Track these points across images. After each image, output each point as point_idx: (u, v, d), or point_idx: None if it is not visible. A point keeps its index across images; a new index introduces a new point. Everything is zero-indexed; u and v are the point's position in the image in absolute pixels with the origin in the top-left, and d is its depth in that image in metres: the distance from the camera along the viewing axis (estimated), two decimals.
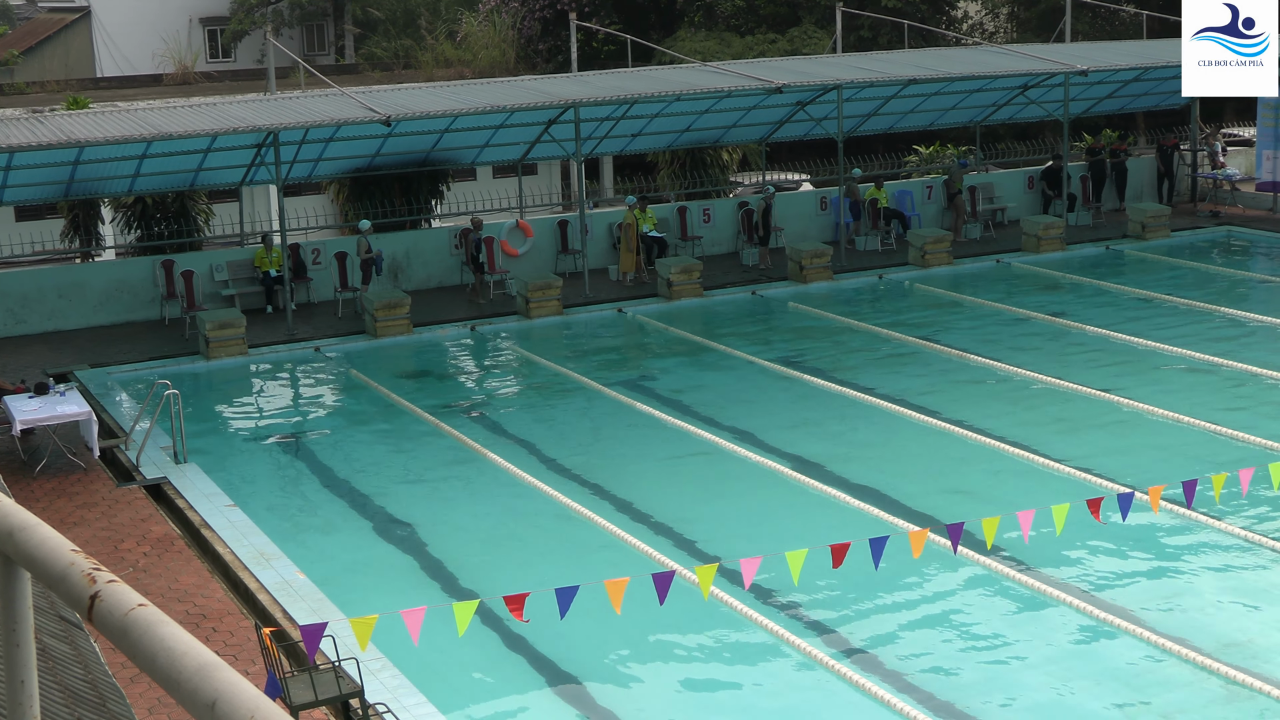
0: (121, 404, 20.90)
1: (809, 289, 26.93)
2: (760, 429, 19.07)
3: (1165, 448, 17.98)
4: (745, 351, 23.05)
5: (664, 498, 16.85)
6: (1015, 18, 47.61)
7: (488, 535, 15.99)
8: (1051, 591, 13.64)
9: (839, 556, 11.60)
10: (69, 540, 2.82)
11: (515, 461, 18.01)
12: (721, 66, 29.74)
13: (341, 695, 11.06)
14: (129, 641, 2.55)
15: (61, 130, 22.81)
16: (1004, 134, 38.27)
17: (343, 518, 16.57)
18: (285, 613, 13.37)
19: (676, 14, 47.43)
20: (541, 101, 25.77)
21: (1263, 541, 14.67)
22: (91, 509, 16.39)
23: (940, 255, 28.46)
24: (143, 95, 43.37)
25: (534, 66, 46.12)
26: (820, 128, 30.54)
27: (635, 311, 25.79)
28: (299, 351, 23.71)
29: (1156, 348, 22.29)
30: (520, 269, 27.18)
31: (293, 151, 25.49)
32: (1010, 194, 32.59)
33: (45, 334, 24.77)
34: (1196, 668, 12.13)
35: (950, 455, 18.04)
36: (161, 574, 14.43)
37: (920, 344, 23.27)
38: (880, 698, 11.75)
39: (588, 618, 12.34)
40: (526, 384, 22.84)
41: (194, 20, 56.65)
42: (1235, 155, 35.72)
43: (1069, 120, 30.66)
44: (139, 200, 27.00)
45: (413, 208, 28.78)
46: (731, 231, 30.17)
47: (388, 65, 50.34)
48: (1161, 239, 30.30)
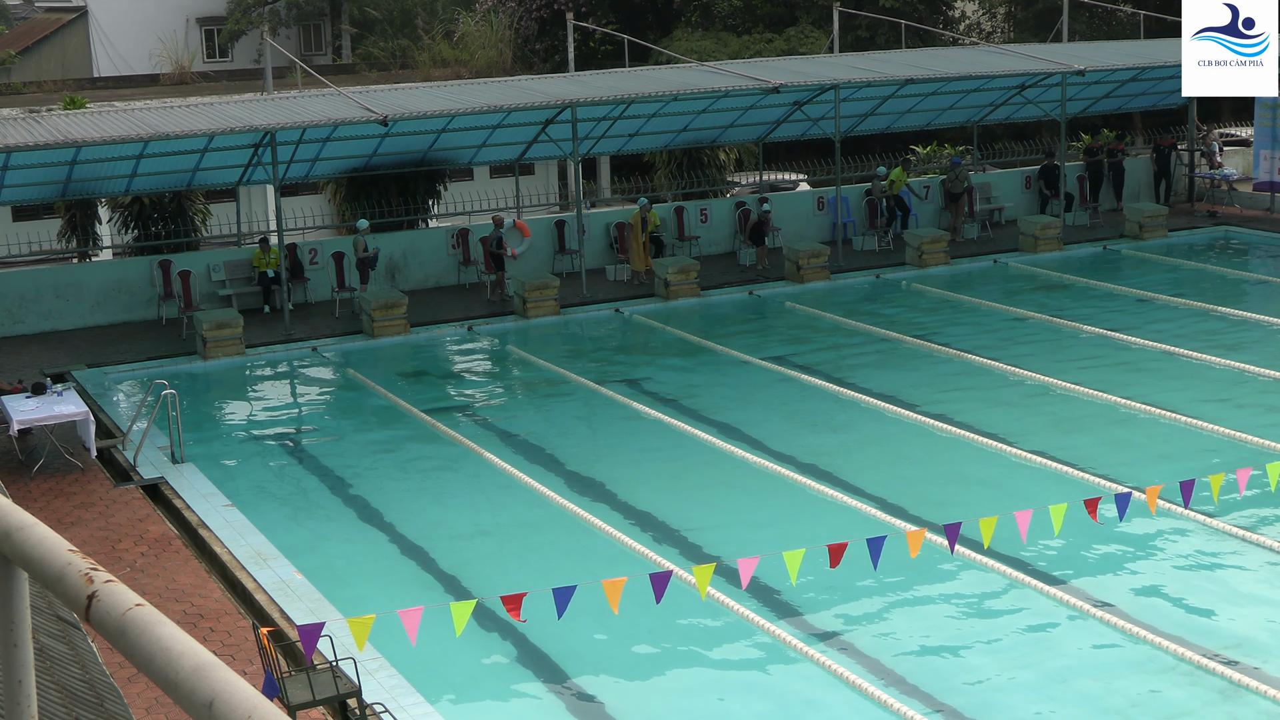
0: (119, 404, 20.89)
1: (806, 289, 26.94)
2: (757, 428, 19.07)
3: (1163, 447, 17.99)
4: (742, 351, 23.05)
5: (661, 497, 16.85)
6: (1012, 17, 47.61)
7: (485, 535, 15.99)
8: (1049, 590, 13.64)
9: (836, 556, 11.60)
10: (66, 540, 2.82)
11: (512, 462, 18.01)
12: (718, 66, 29.74)
13: (339, 695, 11.06)
14: (126, 641, 2.55)
15: (58, 130, 22.79)
16: (1001, 134, 38.27)
17: (340, 517, 16.57)
18: (283, 612, 13.37)
19: (673, 14, 47.43)
20: (538, 101, 25.76)
21: (1261, 541, 14.67)
22: (89, 509, 16.38)
23: (938, 255, 28.48)
24: (140, 95, 43.35)
25: (531, 66, 46.12)
26: (817, 127, 30.56)
27: (632, 311, 25.79)
28: (296, 351, 23.71)
29: (1154, 347, 22.30)
30: (518, 269, 27.16)
31: (290, 151, 25.49)
32: (1007, 194, 32.60)
33: (42, 334, 24.75)
34: (1196, 667, 12.13)
35: (947, 455, 18.05)
36: (159, 574, 14.42)
37: (917, 344, 23.27)
38: (877, 698, 11.75)
39: (585, 617, 12.35)
40: (523, 384, 22.83)
41: (191, 20, 56.60)
42: (1232, 155, 35.72)
43: (1066, 120, 30.69)
44: (136, 200, 26.99)
45: (410, 208, 28.77)
46: (729, 231, 30.18)
47: (385, 65, 50.33)
48: (1159, 239, 30.32)
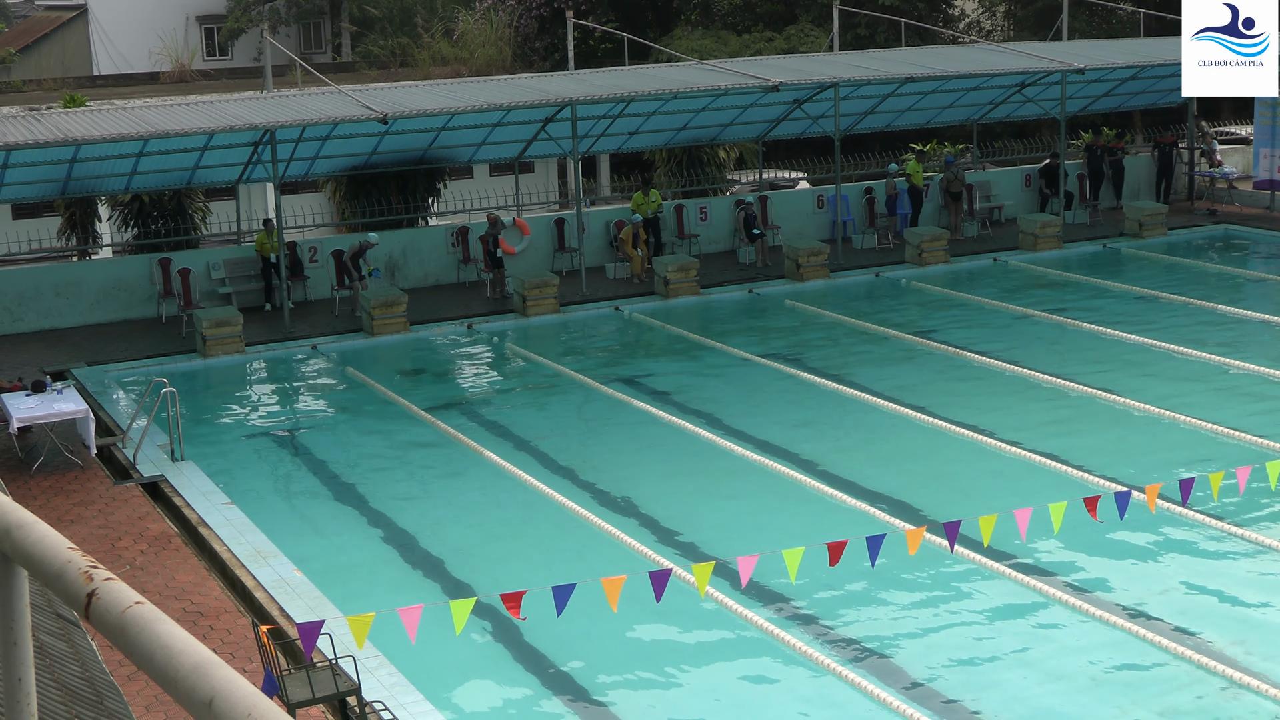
0: (118, 402, 20.89)
1: (806, 287, 26.93)
2: (757, 427, 19.07)
3: (1163, 446, 17.99)
4: (742, 349, 23.05)
5: (661, 495, 16.85)
6: (1012, 16, 47.60)
7: (484, 533, 15.99)
8: (1049, 590, 13.64)
9: (836, 554, 11.60)
10: (66, 538, 2.82)
11: (512, 459, 18.01)
12: (718, 64, 29.73)
13: (339, 693, 11.06)
14: (126, 639, 2.54)
15: (58, 128, 22.78)
16: (1001, 132, 38.26)
17: (340, 515, 16.57)
18: (282, 610, 13.37)
19: (673, 12, 47.41)
20: (538, 100, 25.75)
21: (1261, 540, 14.67)
22: (88, 507, 16.39)
23: (937, 253, 28.47)
24: (139, 93, 43.35)
25: (531, 65, 46.11)
26: (817, 126, 30.54)
27: (632, 310, 25.78)
28: (296, 349, 23.71)
29: (1154, 345, 22.30)
30: (517, 267, 27.16)
31: (289, 149, 25.47)
32: (1007, 192, 32.59)
33: (42, 332, 24.75)
34: (1196, 667, 12.13)
35: (947, 453, 18.05)
36: (158, 572, 14.42)
37: (917, 342, 23.27)
38: (876, 696, 11.75)
39: (585, 616, 12.34)
40: (523, 382, 22.82)
41: (191, 18, 56.59)
42: (1231, 153, 35.71)
43: (1066, 118, 30.68)
44: (136, 198, 26.99)
45: (409, 206, 28.75)
46: (728, 229, 30.17)
47: (384, 63, 50.34)
48: (1159, 237, 30.31)
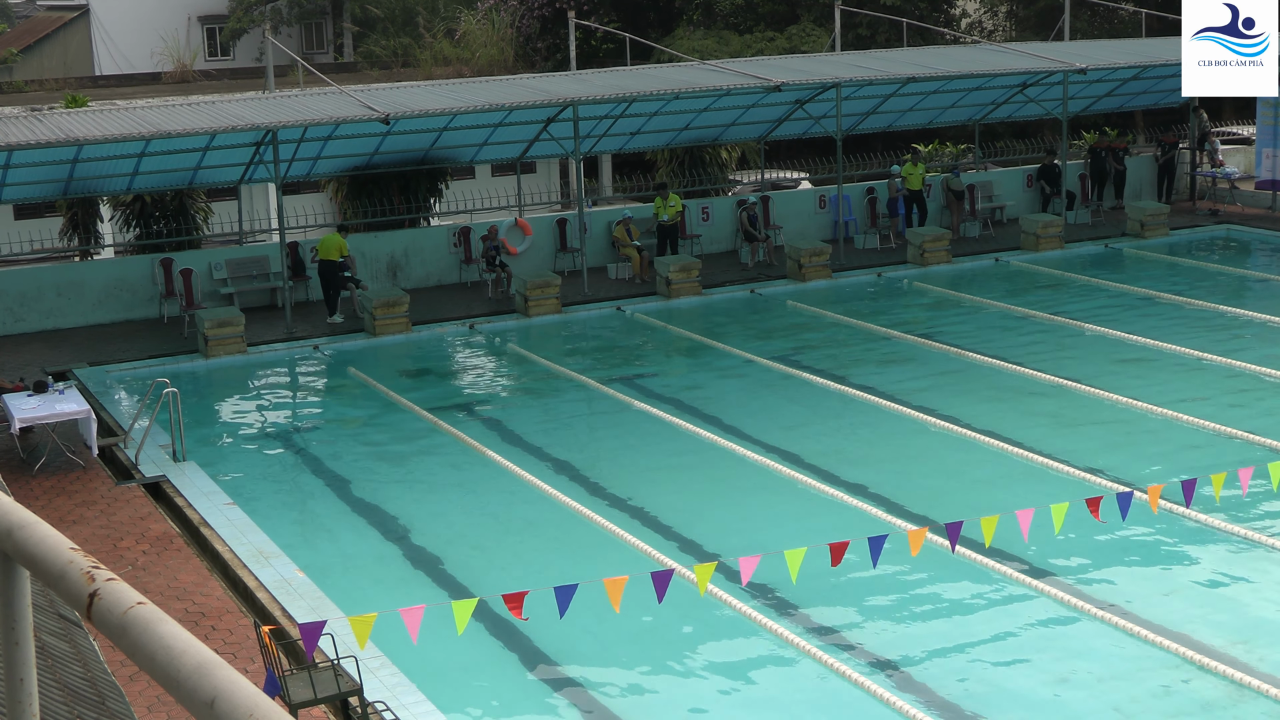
0: (120, 402, 20.90)
1: (808, 287, 26.92)
2: (759, 427, 19.06)
3: (1164, 446, 17.99)
4: (744, 350, 23.04)
5: (662, 496, 16.85)
6: (1014, 16, 47.59)
7: (486, 533, 16.00)
8: (1049, 590, 13.64)
9: (837, 555, 11.60)
10: (68, 538, 2.82)
11: (514, 460, 18.01)
12: (720, 64, 29.73)
13: (340, 693, 11.06)
14: (128, 639, 2.55)
15: (60, 128, 22.79)
16: (1003, 132, 38.26)
17: (341, 516, 16.57)
18: (284, 611, 13.37)
19: (675, 12, 47.40)
20: (540, 100, 25.75)
21: (1262, 540, 14.67)
22: (90, 507, 16.39)
23: (939, 254, 28.47)
24: (141, 94, 43.37)
25: (532, 65, 46.11)
26: (819, 126, 30.54)
27: (634, 310, 25.78)
28: (298, 350, 23.72)
29: (1155, 346, 22.29)
30: (519, 267, 27.16)
31: (291, 150, 25.47)
32: (1009, 192, 32.57)
33: (44, 332, 24.75)
34: (1196, 667, 12.13)
35: (949, 453, 18.04)
36: (160, 572, 14.43)
37: (919, 342, 23.27)
38: (879, 695, 11.75)
39: (587, 616, 12.35)
40: (525, 382, 22.81)
41: (192, 19, 56.64)
42: (1233, 153, 35.69)
43: (1068, 119, 30.67)
44: (138, 198, 26.98)
45: (411, 206, 28.76)
46: (730, 230, 30.16)
47: (386, 64, 50.36)
48: (1160, 237, 30.30)
